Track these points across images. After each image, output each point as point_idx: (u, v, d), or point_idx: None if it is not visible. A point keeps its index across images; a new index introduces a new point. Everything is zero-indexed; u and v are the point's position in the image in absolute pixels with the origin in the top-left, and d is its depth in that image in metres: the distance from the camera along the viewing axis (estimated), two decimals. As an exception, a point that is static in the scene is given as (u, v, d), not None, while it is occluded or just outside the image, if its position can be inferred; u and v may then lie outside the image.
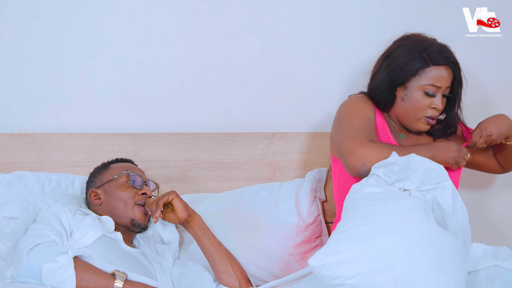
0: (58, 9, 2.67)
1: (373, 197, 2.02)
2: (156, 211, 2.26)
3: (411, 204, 1.98)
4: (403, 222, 1.92)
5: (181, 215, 2.31)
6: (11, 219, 2.24)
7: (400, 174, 2.09)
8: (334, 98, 2.71)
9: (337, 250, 1.83)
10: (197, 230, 2.30)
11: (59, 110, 2.70)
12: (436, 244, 1.91)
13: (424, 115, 2.31)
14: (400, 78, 2.30)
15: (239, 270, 2.25)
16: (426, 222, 1.94)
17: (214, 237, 2.31)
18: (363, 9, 2.73)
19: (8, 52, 2.68)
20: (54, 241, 2.08)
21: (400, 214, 1.94)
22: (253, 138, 2.69)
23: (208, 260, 2.28)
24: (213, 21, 2.71)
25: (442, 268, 1.88)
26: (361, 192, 2.06)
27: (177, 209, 2.31)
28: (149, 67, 2.71)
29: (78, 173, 2.61)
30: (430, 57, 2.27)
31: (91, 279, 2.01)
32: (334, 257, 1.81)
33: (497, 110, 2.78)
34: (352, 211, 1.99)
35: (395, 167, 2.10)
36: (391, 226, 1.91)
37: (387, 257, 1.84)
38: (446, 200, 2.05)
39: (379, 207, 1.97)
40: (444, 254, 1.91)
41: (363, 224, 1.91)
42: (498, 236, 2.81)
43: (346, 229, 1.90)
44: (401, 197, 2.01)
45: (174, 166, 2.66)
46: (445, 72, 2.28)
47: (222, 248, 2.28)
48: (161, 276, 2.24)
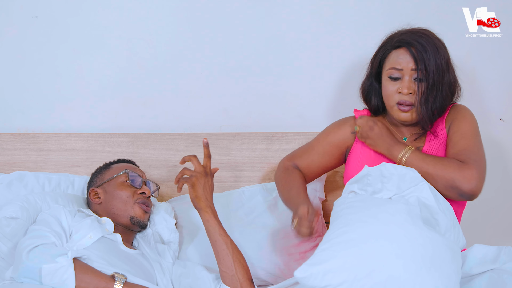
0: (58, 9, 2.67)
1: (356, 206, 2.04)
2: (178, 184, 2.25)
3: (394, 208, 2.00)
4: (387, 226, 1.94)
5: (192, 203, 2.28)
6: (11, 219, 2.25)
7: (376, 185, 2.10)
8: (334, 98, 2.71)
9: (322, 259, 1.87)
10: (204, 224, 2.26)
11: (59, 110, 2.71)
12: (423, 243, 1.92)
13: (394, 101, 2.27)
14: (376, 72, 2.32)
15: (243, 271, 2.23)
16: (411, 224, 1.95)
17: (222, 234, 2.24)
18: (363, 9, 2.73)
19: (8, 52, 2.68)
20: (54, 243, 2.08)
21: (383, 219, 1.96)
22: (253, 138, 2.69)
23: (215, 255, 2.25)
24: (213, 21, 2.71)
25: (432, 267, 1.88)
26: (344, 203, 2.09)
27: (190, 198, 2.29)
28: (149, 67, 2.72)
29: (78, 173, 2.61)
30: (392, 43, 2.27)
31: (91, 281, 2.01)
32: (320, 267, 1.85)
33: (497, 110, 2.79)
34: (336, 222, 2.02)
35: (369, 178, 2.12)
36: (375, 231, 1.93)
37: (374, 261, 1.86)
38: (429, 198, 2.06)
39: (362, 214, 1.99)
40: (432, 252, 1.91)
41: (348, 232, 1.94)
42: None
43: (330, 239, 1.94)
44: (384, 203, 2.03)
45: (174, 166, 2.66)
46: (403, 53, 2.24)
47: (229, 246, 2.22)
48: (161, 277, 2.24)
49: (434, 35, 2.28)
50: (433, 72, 2.21)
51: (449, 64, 2.26)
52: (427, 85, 2.22)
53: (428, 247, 1.91)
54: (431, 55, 2.22)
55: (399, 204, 2.01)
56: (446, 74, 2.24)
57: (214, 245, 2.23)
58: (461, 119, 2.29)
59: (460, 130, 2.26)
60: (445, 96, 2.26)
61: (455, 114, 2.31)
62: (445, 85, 2.24)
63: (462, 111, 2.31)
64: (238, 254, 2.22)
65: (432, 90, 2.23)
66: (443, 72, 2.23)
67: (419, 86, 2.23)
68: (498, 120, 2.79)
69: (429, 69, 2.21)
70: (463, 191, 2.14)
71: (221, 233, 2.23)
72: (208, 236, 2.24)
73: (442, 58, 2.23)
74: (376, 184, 2.10)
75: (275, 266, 2.44)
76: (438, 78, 2.22)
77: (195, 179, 2.23)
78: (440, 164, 2.16)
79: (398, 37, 2.27)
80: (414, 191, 2.07)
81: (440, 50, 2.24)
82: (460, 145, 2.22)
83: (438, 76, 2.22)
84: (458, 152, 2.21)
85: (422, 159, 2.18)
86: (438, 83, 2.23)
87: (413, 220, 1.97)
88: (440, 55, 2.22)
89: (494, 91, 2.78)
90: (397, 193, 2.08)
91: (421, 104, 2.24)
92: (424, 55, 2.21)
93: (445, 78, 2.24)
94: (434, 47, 2.22)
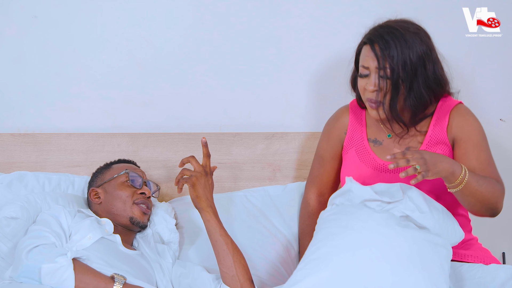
0: (58, 9, 2.67)
1: (330, 219, 2.05)
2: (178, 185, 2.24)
3: (366, 213, 2.00)
4: (359, 233, 1.95)
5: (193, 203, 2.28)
6: (11, 219, 2.25)
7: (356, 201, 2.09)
8: (334, 98, 2.71)
9: (297, 279, 1.90)
10: (205, 224, 2.26)
11: (59, 110, 2.71)
12: (398, 242, 1.92)
13: (365, 98, 2.21)
14: (357, 66, 2.26)
15: (243, 272, 2.22)
16: (383, 226, 1.95)
17: (223, 234, 2.22)
18: (363, 9, 2.73)
19: (8, 52, 2.68)
20: (54, 243, 2.08)
21: (355, 227, 1.97)
22: (253, 138, 2.69)
23: (215, 255, 2.25)
24: (213, 21, 2.71)
25: (410, 264, 1.89)
26: (322, 218, 2.10)
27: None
28: (149, 67, 2.72)
29: (78, 173, 2.61)
30: (362, 39, 2.22)
31: (90, 282, 2.01)
32: (295, 287, 1.87)
33: (497, 110, 2.79)
34: (313, 239, 2.04)
35: (350, 194, 2.11)
36: (346, 240, 1.94)
37: (348, 269, 1.88)
38: (411, 208, 2.02)
39: (334, 226, 2.00)
40: (409, 250, 1.91)
41: (321, 247, 1.96)
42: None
43: (306, 257, 1.97)
44: (355, 211, 2.03)
45: (174, 166, 2.66)
46: (366, 50, 2.17)
47: (230, 246, 2.21)
48: (161, 277, 2.24)
49: (410, 27, 2.17)
50: (398, 69, 2.12)
51: (425, 57, 2.15)
52: (392, 83, 2.14)
53: (404, 245, 1.92)
54: (396, 51, 2.12)
55: (370, 210, 2.02)
56: (420, 69, 2.14)
57: (214, 245, 2.23)
58: (470, 127, 2.22)
59: (472, 139, 2.20)
60: (420, 93, 2.16)
61: (461, 121, 2.23)
62: (418, 81, 2.14)
63: (466, 117, 2.24)
64: (238, 255, 2.22)
65: (397, 88, 2.14)
66: (414, 68, 2.13)
67: (383, 84, 2.15)
68: (498, 120, 2.79)
69: (393, 67, 2.12)
70: (497, 210, 2.14)
71: (221, 233, 2.22)
72: (208, 236, 2.24)
73: (413, 53, 2.13)
74: (357, 200, 2.10)
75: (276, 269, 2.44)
76: (407, 75, 2.13)
77: (195, 179, 2.23)
78: (490, 185, 2.09)
79: (368, 33, 2.20)
80: (396, 205, 2.05)
81: (413, 45, 2.13)
82: (484, 159, 2.18)
83: (406, 73, 2.13)
84: (482, 168, 2.16)
85: (476, 180, 2.07)
86: (406, 80, 2.13)
87: (386, 221, 1.97)
88: (411, 50, 2.13)
89: (494, 91, 2.78)
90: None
91: (384, 102, 2.16)
92: (386, 52, 2.13)
93: (417, 75, 2.14)
94: (403, 42, 2.13)
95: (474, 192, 2.06)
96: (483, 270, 2.07)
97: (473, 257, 2.22)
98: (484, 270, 2.07)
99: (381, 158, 2.28)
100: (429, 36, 2.21)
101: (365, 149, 2.31)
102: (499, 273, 2.03)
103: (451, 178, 2.03)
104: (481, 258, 2.22)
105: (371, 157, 2.29)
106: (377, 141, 2.32)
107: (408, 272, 1.87)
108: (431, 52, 2.18)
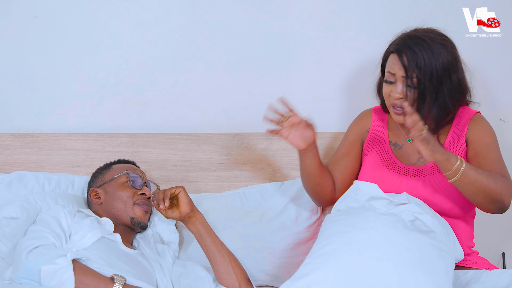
0: (58, 10, 2.68)
1: (337, 219, 2.08)
2: (164, 200, 2.25)
3: (373, 214, 2.03)
4: (368, 233, 1.97)
5: (184, 209, 2.28)
6: (11, 219, 2.25)
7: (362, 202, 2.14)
8: (334, 98, 2.71)
9: (304, 273, 1.91)
10: (199, 228, 2.27)
11: (59, 110, 2.71)
12: (404, 244, 1.94)
13: (389, 103, 2.26)
14: (384, 72, 2.30)
15: (240, 271, 2.24)
16: (390, 227, 1.98)
17: (216, 236, 2.28)
18: (363, 9, 2.73)
19: (8, 52, 2.69)
20: (54, 244, 2.08)
21: (363, 226, 1.99)
22: (253, 138, 2.69)
23: (209, 259, 2.27)
24: (213, 21, 2.71)
25: (416, 266, 1.90)
26: (328, 219, 2.13)
27: (182, 203, 2.28)
28: (149, 67, 2.72)
29: (78, 173, 2.62)
30: (389, 47, 2.27)
31: (90, 283, 2.01)
32: (303, 281, 1.89)
33: (497, 110, 2.79)
34: (319, 237, 2.06)
35: (357, 192, 2.16)
36: (355, 239, 1.96)
37: (356, 267, 1.89)
38: (420, 211, 2.09)
39: (343, 225, 2.03)
40: (415, 252, 1.94)
41: (329, 243, 1.98)
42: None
43: (313, 253, 1.99)
44: (363, 212, 2.06)
45: (174, 166, 2.66)
46: (394, 58, 2.22)
47: (224, 247, 2.26)
48: (161, 277, 2.24)
49: (437, 38, 2.22)
50: (425, 79, 2.17)
51: (451, 68, 2.20)
52: (419, 92, 2.19)
53: (411, 247, 1.94)
54: (424, 62, 2.17)
55: (378, 212, 2.05)
56: (445, 79, 2.19)
57: (209, 246, 2.25)
58: (482, 131, 2.27)
59: (482, 140, 2.25)
60: (445, 102, 2.21)
61: (475, 127, 2.28)
62: (443, 90, 2.20)
63: (482, 124, 2.30)
64: (232, 254, 2.25)
65: (423, 98, 2.19)
66: (440, 79, 2.19)
67: (410, 93, 2.20)
68: (498, 120, 2.79)
69: (420, 77, 2.17)
70: (504, 205, 2.15)
71: (215, 235, 2.28)
72: (201, 239, 2.28)
73: (440, 64, 2.18)
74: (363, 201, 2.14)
75: (275, 266, 2.44)
76: (432, 85, 2.18)
77: (179, 186, 2.29)
78: (492, 177, 2.12)
79: (396, 41, 2.25)
80: (403, 209, 2.09)
81: (439, 56, 2.18)
82: (492, 157, 2.21)
83: (432, 84, 2.18)
84: (489, 165, 2.19)
85: (475, 169, 2.12)
86: (431, 90, 2.19)
87: (393, 223, 2.00)
88: (438, 61, 2.17)
89: (494, 91, 2.78)
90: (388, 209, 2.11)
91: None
92: (413, 63, 2.17)
93: (443, 84, 2.20)
94: (430, 53, 2.17)
95: (474, 180, 2.10)
96: (487, 275, 2.09)
97: (478, 263, 2.25)
98: (487, 275, 2.09)
99: (402, 162, 2.31)
100: (454, 46, 2.26)
101: (386, 151, 2.35)
102: (503, 278, 2.05)
103: (447, 165, 2.08)
104: (485, 265, 2.25)
105: (392, 160, 2.32)
106: (398, 144, 2.36)
107: (413, 274, 1.89)
108: (457, 62, 2.24)
